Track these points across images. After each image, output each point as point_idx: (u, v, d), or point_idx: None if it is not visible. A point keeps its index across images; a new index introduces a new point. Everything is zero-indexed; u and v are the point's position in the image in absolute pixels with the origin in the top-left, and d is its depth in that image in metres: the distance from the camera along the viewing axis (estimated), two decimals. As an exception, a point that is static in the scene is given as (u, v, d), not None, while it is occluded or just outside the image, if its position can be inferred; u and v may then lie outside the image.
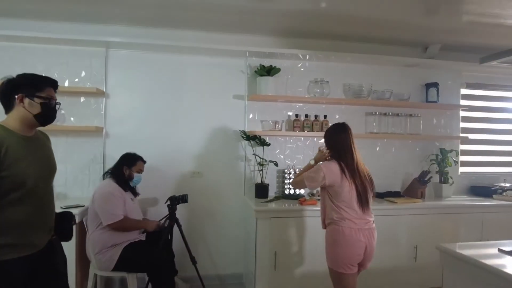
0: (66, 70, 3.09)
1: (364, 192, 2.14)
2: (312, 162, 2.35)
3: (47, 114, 1.62)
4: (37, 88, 1.60)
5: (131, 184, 2.69)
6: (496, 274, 1.54)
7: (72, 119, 3.08)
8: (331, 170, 2.12)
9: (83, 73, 3.11)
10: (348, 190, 2.09)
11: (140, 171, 2.73)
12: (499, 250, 1.79)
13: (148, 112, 3.23)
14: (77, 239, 2.57)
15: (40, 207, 1.61)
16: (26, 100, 1.56)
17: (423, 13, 2.88)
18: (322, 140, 2.48)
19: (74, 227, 2.37)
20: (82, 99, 3.11)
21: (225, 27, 3.22)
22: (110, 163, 3.07)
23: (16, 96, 1.56)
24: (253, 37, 3.39)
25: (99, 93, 3.07)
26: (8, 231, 1.49)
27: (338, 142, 2.19)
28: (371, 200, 2.19)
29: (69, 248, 2.52)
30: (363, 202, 2.11)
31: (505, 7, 2.70)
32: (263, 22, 3.09)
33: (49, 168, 1.71)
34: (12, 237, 1.50)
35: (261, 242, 2.79)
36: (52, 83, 1.67)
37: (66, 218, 1.79)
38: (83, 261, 2.67)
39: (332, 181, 2.10)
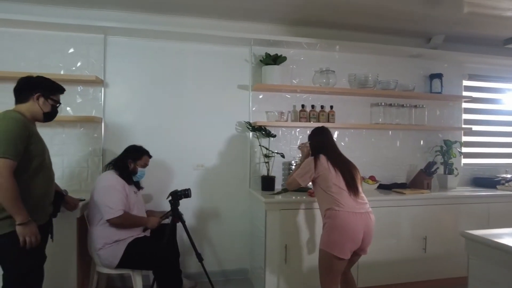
0: (62, 58, 2.92)
1: (352, 178, 2.23)
2: (298, 162, 2.50)
3: (53, 114, 1.96)
4: (52, 92, 1.93)
5: (134, 178, 2.55)
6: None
7: (68, 109, 2.91)
8: (318, 159, 2.28)
9: (81, 61, 2.94)
10: (335, 176, 2.20)
11: (145, 165, 2.59)
12: (527, 235, 1.75)
13: (148, 102, 3.09)
14: (78, 234, 2.41)
15: (51, 181, 1.93)
16: (42, 99, 1.87)
17: (426, 3, 2.86)
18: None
19: (76, 222, 2.26)
20: (80, 88, 2.95)
21: (228, 14, 3.12)
22: (109, 155, 2.95)
23: (34, 94, 1.85)
24: (256, 25, 3.30)
25: (98, 82, 2.91)
26: (34, 200, 1.77)
27: (320, 140, 2.40)
28: (360, 185, 2.28)
29: (70, 244, 2.38)
30: (352, 187, 2.19)
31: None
32: (266, 9, 3.01)
33: (47, 149, 1.98)
34: (36, 206, 1.79)
35: (271, 235, 2.69)
36: (62, 91, 2.01)
37: (58, 195, 2.04)
38: (83, 258, 2.52)
39: (321, 169, 2.23)
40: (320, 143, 2.38)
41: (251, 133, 3.23)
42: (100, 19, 2.89)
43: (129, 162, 2.52)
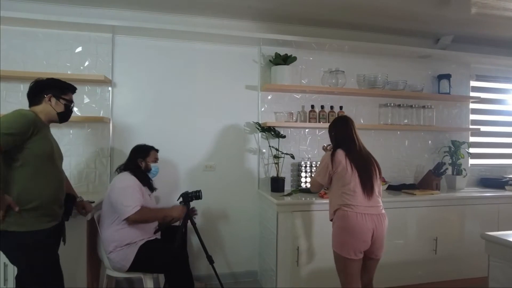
0: (69, 57, 2.87)
1: (369, 178, 2.10)
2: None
3: (67, 113, 1.98)
4: (63, 91, 1.95)
5: (150, 175, 2.52)
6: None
7: (76, 109, 2.86)
8: (334, 155, 2.14)
9: (88, 61, 2.90)
10: (350, 175, 2.08)
11: (156, 160, 2.56)
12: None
13: (157, 102, 3.05)
14: (88, 237, 2.36)
15: (61, 183, 1.93)
16: (53, 100, 1.90)
17: (434, 4, 2.86)
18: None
19: (86, 224, 2.22)
20: (87, 88, 2.90)
21: (236, 13, 3.09)
22: (118, 156, 2.92)
23: (45, 95, 1.88)
24: (264, 24, 3.27)
25: (106, 82, 2.87)
26: (40, 201, 1.76)
27: (341, 131, 2.22)
28: (378, 186, 2.14)
29: (79, 247, 2.33)
30: (366, 188, 2.08)
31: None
32: (274, 9, 2.99)
33: (61, 154, 2.02)
34: (42, 207, 1.78)
35: (283, 237, 2.66)
36: (73, 90, 2.03)
37: (69, 198, 2.04)
38: (93, 261, 2.47)
39: (337, 165, 2.10)
40: (341, 135, 2.20)
41: (260, 133, 3.20)
42: (108, 18, 2.85)
43: (140, 162, 2.49)
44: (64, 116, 1.96)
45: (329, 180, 2.18)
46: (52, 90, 1.90)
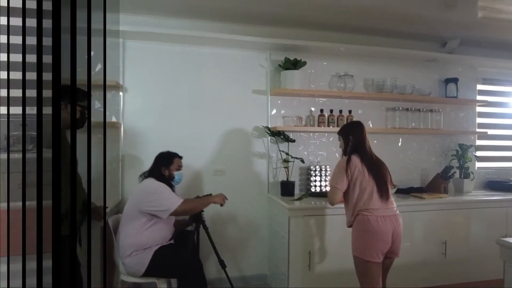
0: (78, 61, 2.87)
1: (384, 182, 2.17)
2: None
3: (83, 120, 1.96)
4: (79, 98, 1.92)
5: (174, 183, 2.54)
6: None
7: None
8: (350, 160, 2.18)
9: (99, 66, 2.90)
10: (368, 180, 2.13)
11: (179, 167, 2.57)
12: None
13: (166, 107, 3.06)
14: (101, 242, 2.36)
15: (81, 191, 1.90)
16: (69, 106, 1.85)
17: (441, 8, 2.87)
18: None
19: (99, 230, 2.22)
20: (98, 93, 2.89)
21: (243, 18, 3.09)
22: (128, 161, 2.92)
23: (63, 103, 1.82)
24: (271, 29, 3.25)
25: (117, 87, 2.87)
26: (65, 208, 1.73)
27: (358, 136, 2.26)
28: (390, 188, 2.21)
29: (93, 253, 2.33)
30: (383, 191, 2.13)
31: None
32: (283, 14, 2.99)
33: (76, 159, 1.92)
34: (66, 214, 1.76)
35: (294, 241, 2.68)
36: (89, 96, 1.87)
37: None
38: (106, 267, 2.47)
39: (354, 171, 2.15)
40: (357, 140, 2.25)
41: (269, 138, 3.21)
42: (117, 23, 2.85)
43: (163, 170, 2.50)
44: (81, 122, 1.96)
45: (347, 186, 2.20)
46: (68, 97, 1.92)
